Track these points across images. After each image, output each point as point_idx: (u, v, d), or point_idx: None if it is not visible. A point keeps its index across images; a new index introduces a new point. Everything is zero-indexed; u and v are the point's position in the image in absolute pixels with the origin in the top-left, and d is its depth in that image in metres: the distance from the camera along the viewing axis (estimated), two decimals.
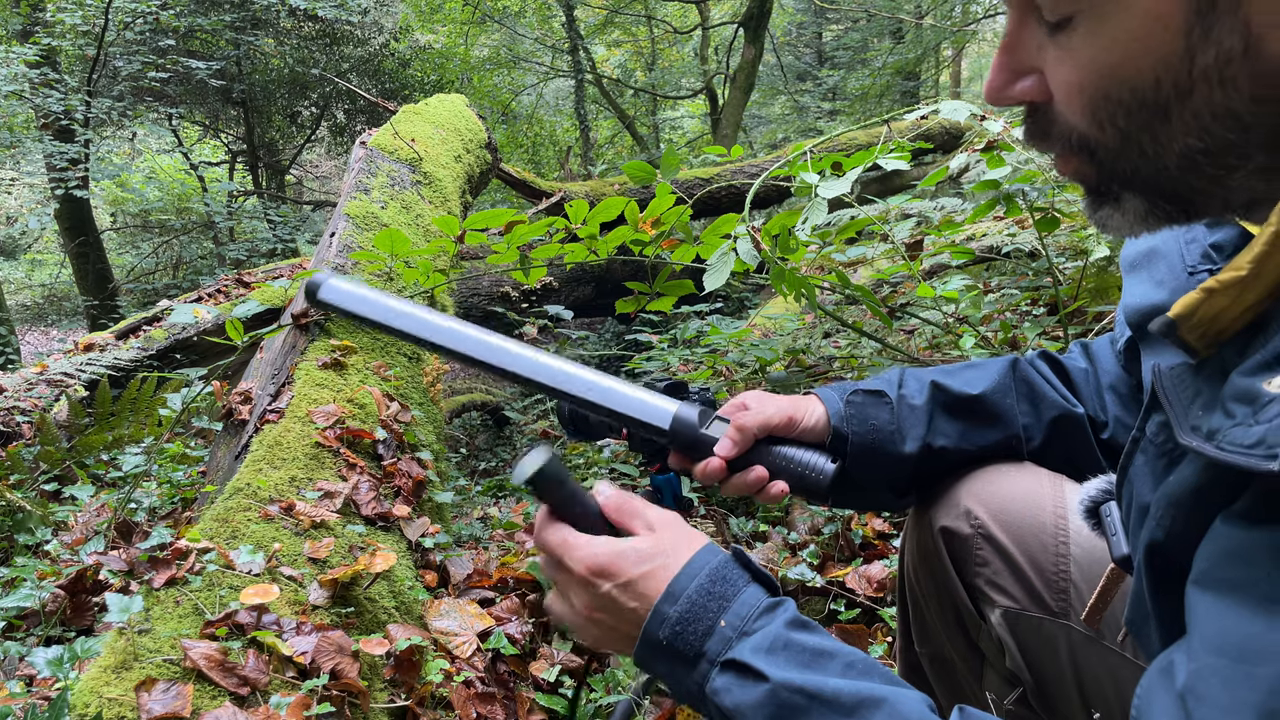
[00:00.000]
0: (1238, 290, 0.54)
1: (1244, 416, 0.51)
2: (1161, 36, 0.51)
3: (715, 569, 0.72)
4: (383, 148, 3.23)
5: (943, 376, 0.98)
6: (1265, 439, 0.48)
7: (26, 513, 2.10)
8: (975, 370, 1.00)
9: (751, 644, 0.68)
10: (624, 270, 4.99)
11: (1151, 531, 0.61)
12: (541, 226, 1.98)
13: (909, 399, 0.97)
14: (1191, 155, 0.54)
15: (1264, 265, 0.52)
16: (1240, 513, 0.52)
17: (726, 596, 0.71)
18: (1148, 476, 0.67)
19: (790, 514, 2.26)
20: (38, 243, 13.13)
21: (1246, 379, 0.52)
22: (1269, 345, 0.52)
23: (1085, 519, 0.82)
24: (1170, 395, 0.62)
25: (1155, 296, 0.72)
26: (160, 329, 3.66)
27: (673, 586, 0.72)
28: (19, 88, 6.73)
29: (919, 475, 0.98)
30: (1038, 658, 0.88)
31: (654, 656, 0.71)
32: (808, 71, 13.53)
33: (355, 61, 9.92)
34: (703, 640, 0.69)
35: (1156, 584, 0.62)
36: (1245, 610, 0.49)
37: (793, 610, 0.70)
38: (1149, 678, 0.55)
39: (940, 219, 2.78)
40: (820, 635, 0.70)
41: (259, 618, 1.30)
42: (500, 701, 1.50)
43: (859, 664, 0.67)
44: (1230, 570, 0.51)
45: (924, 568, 0.98)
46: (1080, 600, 0.85)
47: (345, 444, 1.86)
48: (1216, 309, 0.55)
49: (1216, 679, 0.49)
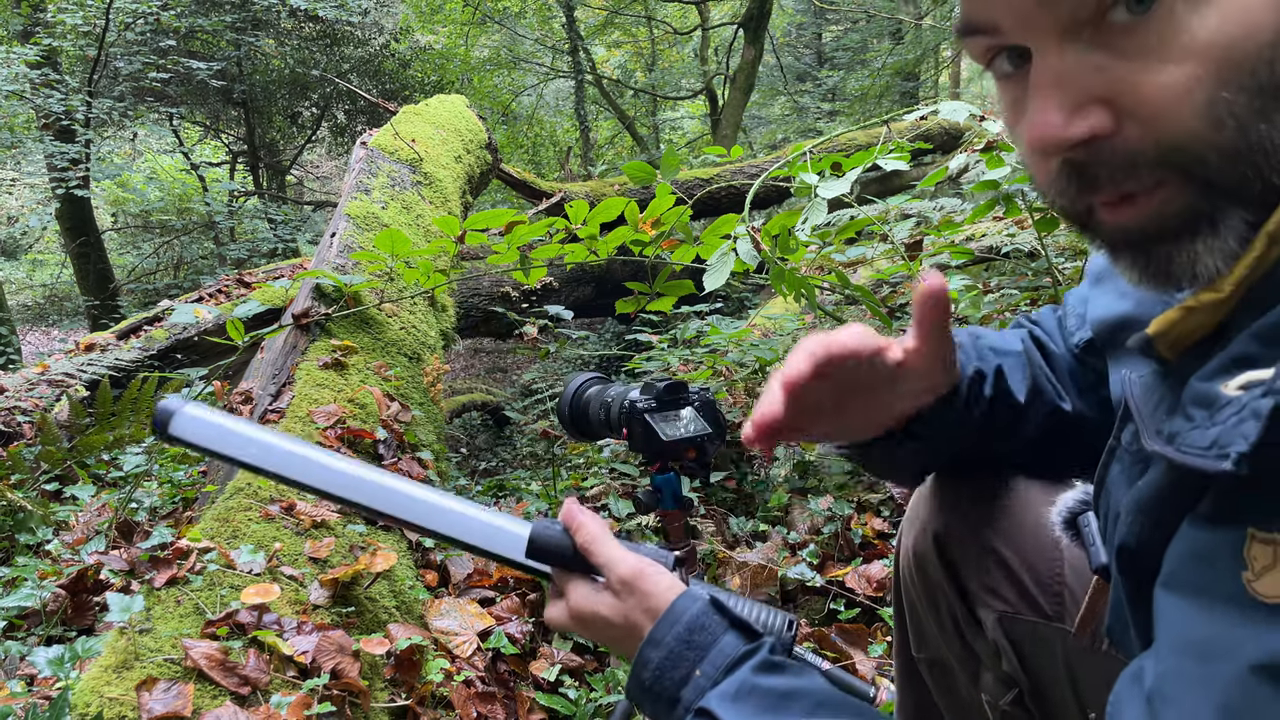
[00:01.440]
0: (1214, 309, 0.53)
1: (1201, 419, 0.51)
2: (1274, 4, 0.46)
3: (693, 617, 0.74)
4: (383, 148, 3.23)
5: (1006, 362, 0.87)
6: (1219, 440, 0.48)
7: (28, 512, 2.11)
8: (1012, 361, 0.88)
9: (718, 693, 0.69)
10: (624, 270, 4.99)
11: (1123, 536, 0.61)
12: (541, 227, 1.98)
13: (982, 378, 0.84)
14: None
15: (1243, 287, 0.51)
16: (1203, 514, 0.52)
17: (704, 646, 0.72)
18: (1124, 484, 0.67)
19: (790, 514, 2.27)
20: (39, 243, 13.14)
21: (1205, 383, 0.52)
22: (1228, 349, 0.51)
23: (1064, 530, 0.82)
24: (1140, 404, 0.62)
25: (1120, 307, 0.71)
26: (161, 329, 3.66)
27: (654, 632, 0.74)
28: (20, 88, 6.73)
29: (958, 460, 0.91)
30: (1034, 661, 0.88)
31: (642, 696, 0.74)
32: (807, 72, 13.53)
33: (356, 62, 9.92)
34: (679, 687, 0.72)
35: (1130, 589, 0.62)
36: (1207, 610, 0.49)
37: (764, 654, 0.71)
38: (1121, 683, 0.56)
39: (940, 219, 2.78)
40: (790, 676, 0.70)
41: (260, 617, 1.30)
42: (500, 701, 1.51)
43: (827, 703, 0.68)
44: (1194, 572, 0.51)
45: (918, 572, 0.98)
46: (1075, 604, 0.85)
47: (346, 444, 1.87)
48: (1194, 325, 0.54)
49: (1181, 680, 0.50)
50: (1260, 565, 0.47)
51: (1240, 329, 0.51)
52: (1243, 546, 0.48)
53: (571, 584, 0.81)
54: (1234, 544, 0.48)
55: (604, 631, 0.78)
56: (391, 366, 2.23)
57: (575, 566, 0.81)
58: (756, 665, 0.70)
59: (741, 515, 2.32)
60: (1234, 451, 0.47)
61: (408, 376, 2.26)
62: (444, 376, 2.45)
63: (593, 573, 0.80)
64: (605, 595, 0.78)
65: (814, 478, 2.43)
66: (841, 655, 1.70)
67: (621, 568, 0.77)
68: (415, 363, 2.37)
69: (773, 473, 2.48)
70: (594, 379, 1.22)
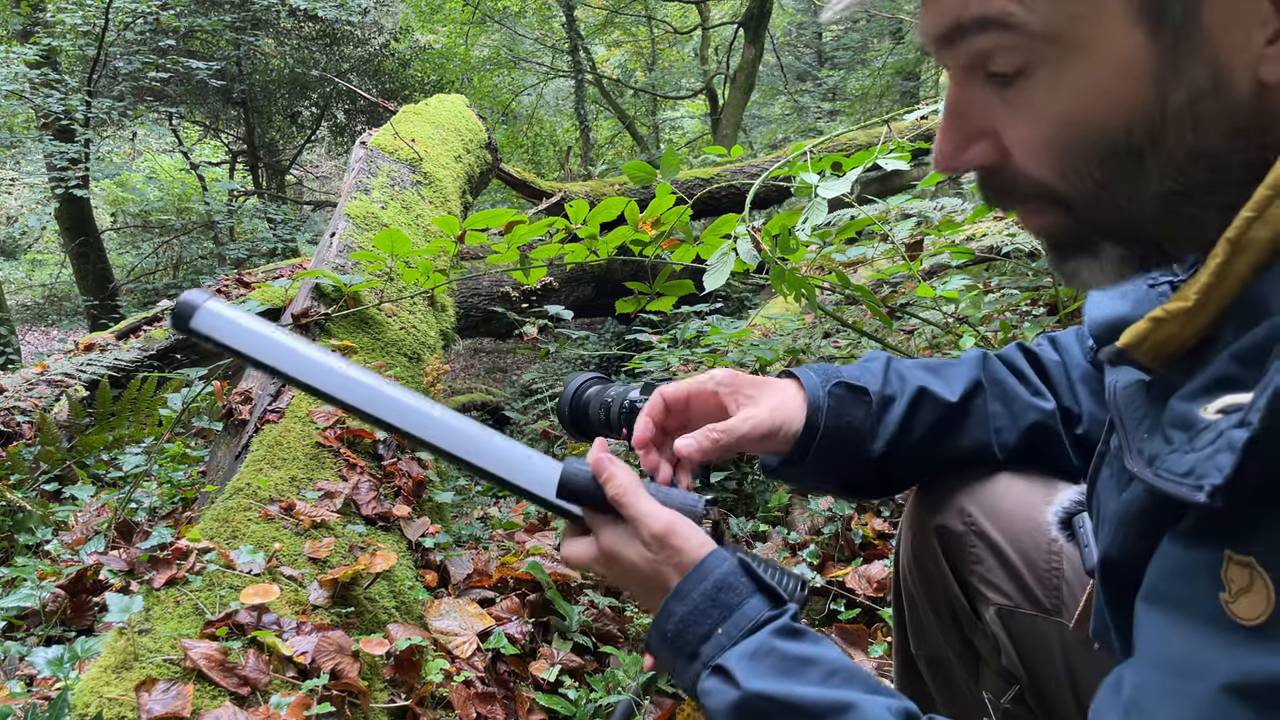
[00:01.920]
0: (1184, 319, 0.53)
1: (1180, 444, 0.51)
2: (1130, 83, 0.50)
3: (722, 576, 0.74)
4: (383, 148, 3.23)
5: (929, 378, 0.94)
6: (1195, 468, 0.48)
7: (27, 512, 2.10)
8: (955, 369, 0.96)
9: (737, 651, 0.71)
10: (624, 270, 4.99)
11: (1106, 547, 0.62)
12: (541, 226, 1.98)
13: (891, 399, 0.93)
14: (1169, 198, 0.53)
15: (1209, 295, 0.51)
16: (1183, 532, 0.52)
17: (729, 606, 0.73)
18: (1112, 490, 0.68)
19: (790, 514, 2.27)
20: (38, 243, 13.13)
21: (1184, 404, 0.52)
22: (1207, 371, 0.51)
23: (1060, 530, 0.83)
24: (1124, 415, 0.62)
25: (1118, 309, 0.72)
26: (161, 329, 3.66)
27: (681, 586, 0.74)
28: (19, 88, 6.73)
29: (872, 476, 0.95)
30: (1032, 655, 0.89)
31: (661, 644, 0.75)
32: (808, 72, 13.53)
33: (355, 62, 9.91)
34: (700, 643, 0.72)
35: (1111, 598, 0.63)
36: (1184, 627, 0.50)
37: (787, 619, 0.72)
38: (1101, 692, 0.56)
39: (940, 219, 2.78)
40: (809, 643, 0.71)
41: (259, 617, 1.30)
42: (500, 701, 1.50)
43: (842, 672, 0.69)
44: (1172, 587, 0.52)
45: (919, 567, 0.99)
46: (1073, 598, 0.86)
47: (345, 444, 1.86)
48: (1165, 336, 0.54)
49: (1157, 693, 0.50)
50: (1237, 587, 0.47)
51: (1225, 344, 0.51)
52: (1220, 568, 0.48)
53: (602, 525, 0.80)
54: (1211, 565, 0.49)
55: (629, 576, 0.79)
56: (391, 366, 2.23)
57: (607, 509, 0.80)
58: (777, 629, 0.71)
59: (742, 515, 2.32)
60: (1208, 484, 0.47)
61: (408, 376, 2.26)
62: (444, 376, 2.45)
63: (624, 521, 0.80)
64: (636, 544, 0.78)
65: None
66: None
67: (654, 524, 0.77)
68: (415, 363, 2.37)
69: None
70: (594, 379, 1.22)
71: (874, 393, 0.92)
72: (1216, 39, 0.48)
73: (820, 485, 0.98)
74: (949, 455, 0.94)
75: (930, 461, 0.95)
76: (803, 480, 0.96)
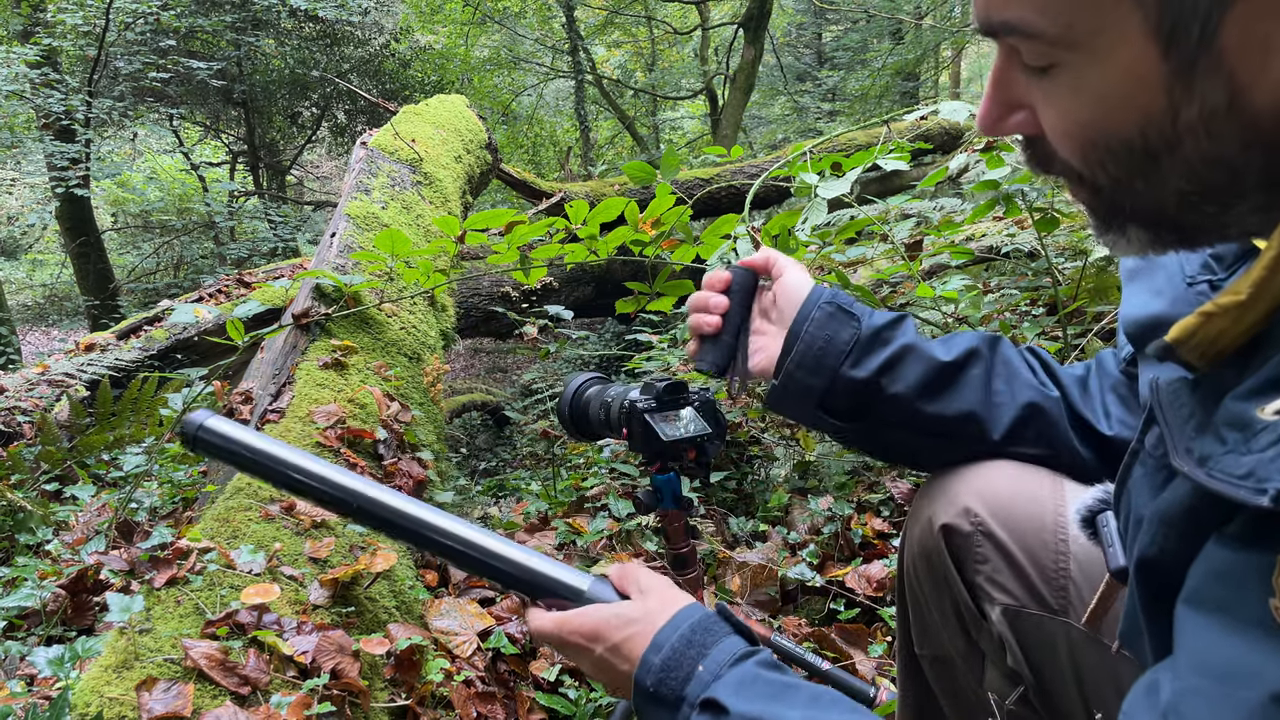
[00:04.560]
0: (1237, 314, 0.53)
1: (1235, 444, 0.50)
2: (1143, 94, 0.51)
3: (697, 622, 0.78)
4: (383, 148, 3.23)
5: (928, 341, 0.97)
6: (1255, 471, 0.48)
7: (27, 512, 2.11)
8: (959, 338, 0.98)
9: (723, 683, 0.73)
10: (624, 270, 4.99)
11: (1144, 547, 0.61)
12: (541, 227, 1.98)
13: (883, 335, 0.96)
14: (1186, 196, 0.53)
15: (1263, 290, 0.51)
16: (1232, 534, 0.51)
17: (706, 645, 0.76)
18: (1146, 489, 0.67)
19: (790, 514, 2.27)
20: (39, 243, 13.14)
21: (1240, 404, 0.51)
22: (1264, 369, 0.50)
23: (1082, 528, 0.82)
24: (1167, 412, 0.61)
25: (1154, 307, 0.72)
26: (161, 329, 3.66)
27: (657, 638, 0.78)
28: (20, 88, 6.74)
29: (859, 407, 0.96)
30: (1038, 655, 0.88)
31: (645, 704, 0.77)
32: (807, 72, 13.53)
33: (356, 62, 9.92)
34: (683, 685, 0.74)
35: (1149, 600, 0.62)
36: (1231, 632, 0.49)
37: (767, 654, 0.76)
38: (1134, 695, 0.55)
39: (940, 219, 2.78)
40: (789, 675, 0.74)
41: (260, 617, 1.30)
42: (500, 701, 1.51)
43: (823, 698, 0.71)
44: (1218, 591, 0.51)
45: (924, 566, 0.98)
46: (1080, 598, 0.86)
47: (346, 444, 1.87)
48: (1215, 332, 0.54)
49: (1200, 699, 0.49)
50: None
51: (1278, 343, 0.50)
52: (1271, 573, 0.47)
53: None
54: (1263, 569, 0.48)
55: (618, 631, 0.81)
56: (391, 366, 2.23)
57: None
58: (760, 661, 0.74)
59: (741, 515, 2.32)
60: (1272, 488, 0.46)
61: (408, 376, 2.26)
62: (444, 376, 2.45)
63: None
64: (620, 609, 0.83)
65: (814, 478, 2.43)
66: (841, 655, 1.70)
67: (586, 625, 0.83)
68: (415, 363, 2.37)
69: (773, 473, 2.48)
70: (594, 379, 1.22)
71: (865, 324, 0.96)
72: (1234, 60, 0.48)
73: (802, 403, 0.99)
74: (939, 417, 0.95)
75: (920, 422, 0.96)
76: (786, 399, 1.00)
